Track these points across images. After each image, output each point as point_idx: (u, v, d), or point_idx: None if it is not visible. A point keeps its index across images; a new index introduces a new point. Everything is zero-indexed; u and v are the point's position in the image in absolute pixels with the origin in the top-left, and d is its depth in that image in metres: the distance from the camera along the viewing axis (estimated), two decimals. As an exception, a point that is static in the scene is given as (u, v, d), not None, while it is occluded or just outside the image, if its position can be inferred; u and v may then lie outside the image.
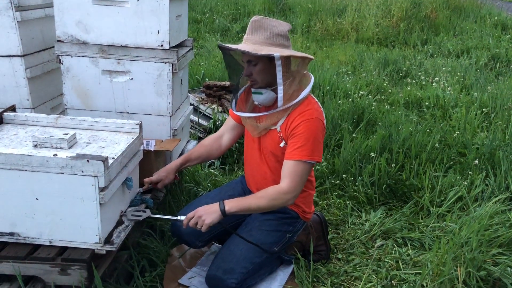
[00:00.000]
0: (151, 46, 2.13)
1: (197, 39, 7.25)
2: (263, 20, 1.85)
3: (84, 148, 1.80)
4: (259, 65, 1.88)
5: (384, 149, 3.13)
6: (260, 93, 1.92)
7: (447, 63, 5.75)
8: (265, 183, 2.02)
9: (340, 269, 2.17)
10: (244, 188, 2.21)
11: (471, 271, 1.94)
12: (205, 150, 2.19)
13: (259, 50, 1.79)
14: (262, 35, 1.84)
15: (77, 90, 2.22)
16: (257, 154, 2.06)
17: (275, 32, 1.85)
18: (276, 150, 1.97)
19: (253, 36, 1.85)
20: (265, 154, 2.02)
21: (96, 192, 1.60)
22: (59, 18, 2.12)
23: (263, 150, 2.03)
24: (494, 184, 2.73)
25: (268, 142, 1.99)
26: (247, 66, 1.90)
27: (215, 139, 2.22)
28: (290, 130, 1.89)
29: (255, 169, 2.09)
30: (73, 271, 1.64)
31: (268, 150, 2.00)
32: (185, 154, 2.17)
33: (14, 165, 1.58)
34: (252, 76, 1.90)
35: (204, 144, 2.21)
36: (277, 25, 1.86)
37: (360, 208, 2.72)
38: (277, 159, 1.99)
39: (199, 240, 2.05)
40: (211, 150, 2.20)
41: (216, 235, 2.10)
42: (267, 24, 1.85)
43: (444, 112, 4.04)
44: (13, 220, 1.65)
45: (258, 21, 1.85)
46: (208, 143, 2.21)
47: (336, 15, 8.01)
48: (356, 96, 4.27)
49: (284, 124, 1.92)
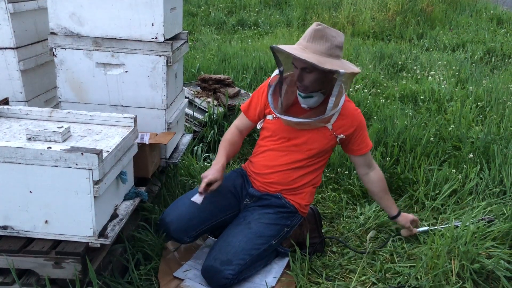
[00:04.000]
0: (146, 38, 2.12)
1: (192, 32, 7.22)
2: (325, 30, 1.87)
3: (78, 142, 1.79)
4: (314, 74, 1.91)
5: (379, 142, 3.14)
6: (311, 96, 1.98)
7: (443, 57, 5.75)
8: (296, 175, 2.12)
9: (335, 262, 2.18)
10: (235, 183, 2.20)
11: (465, 264, 1.95)
12: (237, 147, 2.26)
13: (323, 62, 1.82)
14: (323, 46, 1.87)
15: (71, 83, 2.20)
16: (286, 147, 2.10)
17: (335, 44, 1.88)
18: (324, 145, 2.09)
19: (314, 45, 1.87)
20: (303, 147, 2.08)
21: (91, 185, 1.60)
22: (52, 10, 2.10)
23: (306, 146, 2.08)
24: (488, 178, 2.74)
25: (315, 138, 2.06)
26: (300, 72, 1.92)
27: (238, 136, 2.25)
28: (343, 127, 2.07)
29: (277, 161, 2.11)
30: (67, 264, 1.63)
31: (314, 144, 2.07)
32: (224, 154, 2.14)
33: (8, 158, 1.57)
34: (304, 82, 1.93)
35: (233, 141, 2.22)
36: (336, 35, 1.89)
37: (355, 201, 2.73)
38: (319, 153, 2.09)
39: (187, 236, 2.05)
40: (238, 148, 2.28)
41: (203, 231, 2.10)
42: (329, 35, 1.87)
43: (439, 106, 4.05)
44: (6, 213, 1.64)
45: (321, 30, 1.87)
46: (237, 139, 2.24)
47: (332, 9, 7.98)
48: (352, 90, 4.27)
49: (336, 123, 2.06)
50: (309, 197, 2.16)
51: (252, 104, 2.19)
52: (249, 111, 2.20)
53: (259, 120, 2.19)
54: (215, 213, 2.10)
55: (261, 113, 2.16)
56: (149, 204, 2.18)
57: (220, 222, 2.12)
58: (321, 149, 2.09)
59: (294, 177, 2.11)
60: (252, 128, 2.26)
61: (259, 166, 2.17)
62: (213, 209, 2.09)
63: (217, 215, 2.11)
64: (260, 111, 2.16)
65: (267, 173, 2.13)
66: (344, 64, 1.92)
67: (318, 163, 2.14)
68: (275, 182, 2.12)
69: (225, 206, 2.13)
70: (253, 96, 2.20)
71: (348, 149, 2.17)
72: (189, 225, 2.03)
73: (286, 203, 2.09)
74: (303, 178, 2.12)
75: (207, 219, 2.07)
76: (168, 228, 2.03)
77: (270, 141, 2.14)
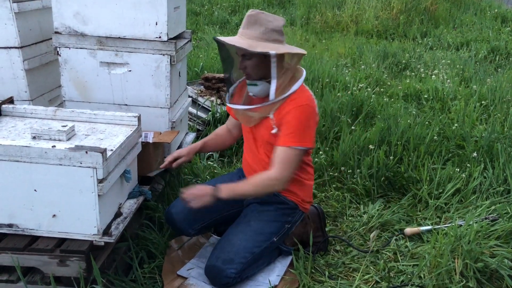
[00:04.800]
0: (149, 37, 2.12)
1: (196, 31, 7.22)
2: (258, 15, 1.86)
3: (82, 140, 1.80)
4: (253, 60, 1.90)
5: (382, 141, 3.13)
6: (255, 84, 1.95)
7: (447, 56, 5.73)
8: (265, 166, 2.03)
9: (338, 261, 2.18)
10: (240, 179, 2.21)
11: (469, 263, 1.95)
12: (220, 140, 2.27)
13: (255, 46, 1.81)
14: (257, 30, 1.86)
15: (75, 82, 2.21)
16: (253, 145, 2.08)
17: (270, 28, 1.86)
18: (269, 138, 1.97)
19: (249, 30, 1.86)
20: (261, 144, 2.04)
21: (95, 183, 1.60)
22: (56, 9, 2.11)
23: (258, 140, 2.05)
24: (492, 177, 2.74)
25: (262, 131, 2.00)
26: (241, 59, 1.92)
27: (226, 130, 2.28)
28: (281, 116, 1.91)
29: (254, 160, 2.10)
30: (71, 262, 1.64)
31: (263, 139, 2.01)
32: (202, 140, 2.23)
33: (13, 157, 1.58)
34: (246, 69, 1.92)
35: (218, 133, 2.28)
36: (272, 20, 1.87)
37: (359, 200, 2.73)
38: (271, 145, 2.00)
39: (192, 228, 2.08)
40: (225, 140, 2.28)
41: (208, 224, 2.14)
42: (263, 19, 1.86)
43: (443, 105, 4.04)
44: (11, 211, 1.66)
45: (254, 15, 1.86)
46: (222, 133, 2.27)
47: (335, 8, 7.97)
48: (355, 89, 4.26)
49: (277, 112, 1.93)
50: (305, 191, 2.11)
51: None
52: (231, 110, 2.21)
53: None
54: (220, 207, 2.10)
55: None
56: (153, 202, 2.19)
57: (224, 217, 2.14)
58: (267, 140, 1.98)
59: None
60: (240, 128, 2.23)
61: (245, 169, 2.19)
62: (218, 204, 2.09)
63: (223, 209, 2.12)
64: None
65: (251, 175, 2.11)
66: (284, 47, 1.87)
67: None
68: None
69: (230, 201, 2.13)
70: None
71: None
72: (195, 217, 2.06)
73: (284, 200, 2.08)
74: None
75: (212, 212, 2.10)
76: (174, 219, 2.07)
77: (245, 141, 2.16)
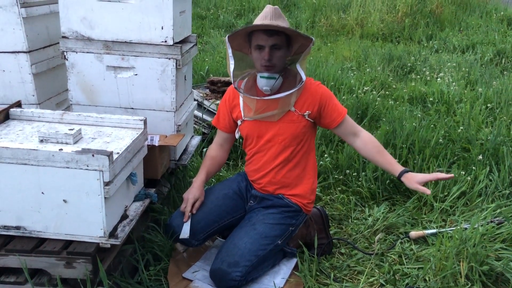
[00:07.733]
0: (155, 42, 2.14)
1: (201, 35, 7.25)
2: (279, 10, 1.96)
3: (89, 143, 1.81)
4: (282, 50, 1.95)
5: (388, 144, 3.13)
6: (274, 78, 1.97)
7: (452, 59, 5.72)
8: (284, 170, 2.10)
9: (343, 263, 2.19)
10: (240, 185, 2.23)
11: (474, 266, 1.95)
12: (217, 161, 2.26)
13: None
14: (284, 23, 1.94)
15: (82, 86, 2.24)
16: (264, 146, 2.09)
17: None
18: (295, 129, 2.03)
19: (279, 22, 1.92)
20: (276, 140, 2.06)
21: (101, 186, 1.62)
22: (63, 14, 2.13)
23: (278, 137, 2.05)
24: (498, 180, 2.73)
25: (284, 127, 2.04)
26: (268, 50, 1.93)
27: (218, 149, 2.27)
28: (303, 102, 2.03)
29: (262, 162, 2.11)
30: (78, 264, 1.66)
31: (292, 135, 2.04)
32: (203, 170, 2.21)
33: (21, 160, 1.60)
34: (272, 61, 1.94)
35: (213, 155, 2.25)
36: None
37: (364, 203, 2.73)
38: (294, 139, 2.05)
39: (195, 239, 2.07)
40: (221, 159, 2.28)
41: (211, 233, 2.13)
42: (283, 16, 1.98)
43: (449, 108, 4.03)
44: (19, 214, 1.67)
45: (277, 9, 1.96)
46: (216, 153, 2.26)
47: (341, 11, 7.97)
48: (360, 92, 4.26)
49: (300, 103, 2.03)
50: (309, 190, 2.14)
51: (220, 115, 2.21)
52: (220, 123, 2.22)
53: (232, 129, 2.20)
54: (222, 215, 2.11)
55: (231, 121, 2.18)
56: (159, 205, 2.20)
57: (227, 224, 2.14)
58: (294, 134, 2.05)
59: (283, 173, 2.10)
60: (232, 139, 2.26)
61: (250, 172, 2.20)
62: (220, 212, 2.11)
63: (224, 217, 2.13)
64: (229, 118, 2.17)
65: (258, 178, 2.15)
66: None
67: (300, 151, 2.09)
68: (267, 183, 2.12)
69: (231, 208, 2.15)
70: (219, 108, 2.23)
71: (324, 124, 2.10)
72: (197, 228, 2.05)
73: (289, 203, 2.10)
74: (292, 171, 2.10)
75: (214, 221, 2.10)
76: (175, 232, 2.05)
77: (249, 145, 2.17)
